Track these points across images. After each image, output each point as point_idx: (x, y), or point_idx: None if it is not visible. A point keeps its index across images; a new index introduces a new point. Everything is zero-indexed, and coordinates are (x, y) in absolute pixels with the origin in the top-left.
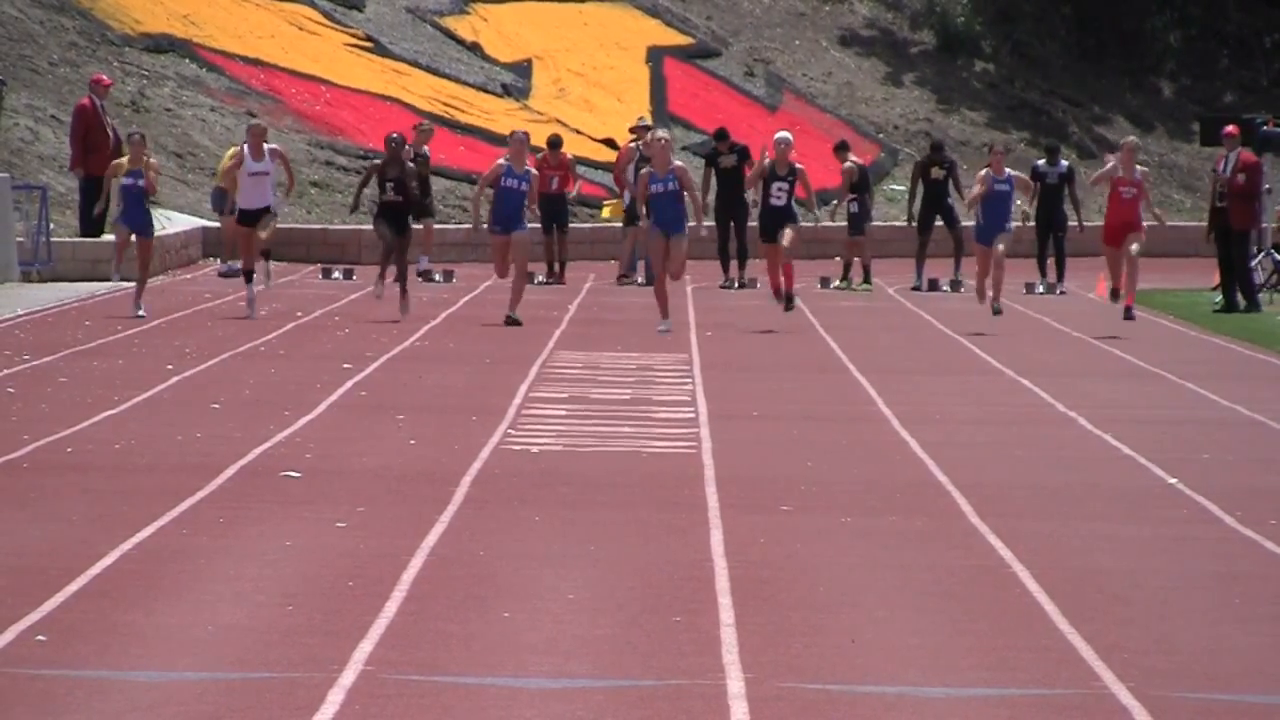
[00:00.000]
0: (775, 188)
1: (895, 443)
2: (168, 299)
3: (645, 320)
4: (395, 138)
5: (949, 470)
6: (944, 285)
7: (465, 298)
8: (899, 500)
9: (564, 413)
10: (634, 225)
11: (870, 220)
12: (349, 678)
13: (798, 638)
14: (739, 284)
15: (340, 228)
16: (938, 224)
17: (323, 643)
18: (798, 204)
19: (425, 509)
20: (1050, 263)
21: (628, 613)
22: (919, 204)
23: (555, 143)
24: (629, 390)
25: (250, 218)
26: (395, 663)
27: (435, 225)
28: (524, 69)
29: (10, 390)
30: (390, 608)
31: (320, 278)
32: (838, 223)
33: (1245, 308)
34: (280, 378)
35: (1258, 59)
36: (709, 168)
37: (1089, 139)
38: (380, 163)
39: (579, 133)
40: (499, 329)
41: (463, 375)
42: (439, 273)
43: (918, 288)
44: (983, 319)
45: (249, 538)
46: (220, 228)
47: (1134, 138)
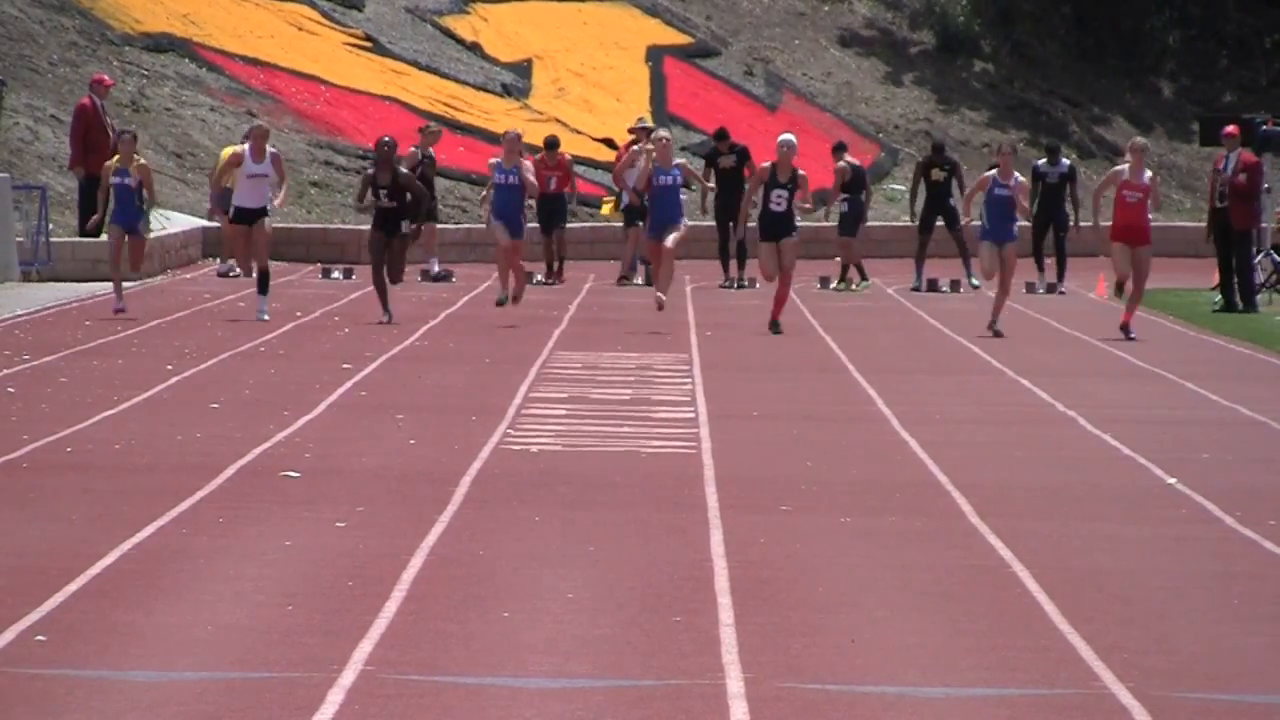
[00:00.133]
0: (775, 194)
1: (895, 443)
2: (167, 299)
3: (645, 320)
4: (387, 141)
5: (949, 470)
6: (944, 285)
7: (465, 298)
8: (899, 500)
9: (564, 413)
10: (635, 226)
11: (865, 221)
12: (349, 678)
13: (798, 638)
14: (738, 284)
15: (340, 227)
16: (939, 224)
17: (323, 643)
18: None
19: (425, 509)
20: (1050, 262)
21: (627, 613)
22: (920, 204)
23: (552, 143)
24: (629, 390)
25: (246, 217)
26: (395, 663)
27: (435, 225)
28: (524, 69)
29: (10, 390)
30: (390, 608)
31: (320, 278)
32: (831, 222)
33: (1243, 309)
34: (280, 378)
35: (1257, 59)
36: (709, 168)
37: (1089, 139)
38: (372, 172)
39: (579, 133)
40: (499, 329)
41: (463, 375)
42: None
43: (917, 288)
44: (982, 319)
45: (249, 538)
46: (220, 228)
47: (1141, 139)
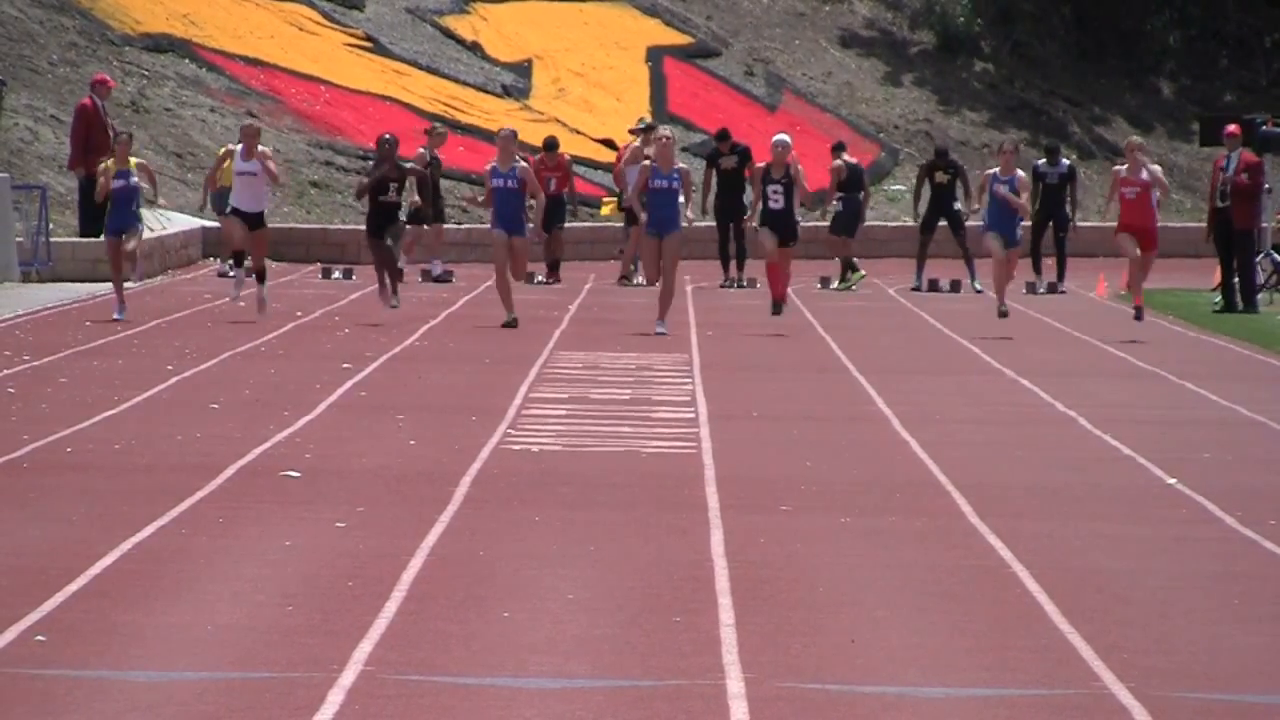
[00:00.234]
0: (771, 190)
1: (895, 443)
2: (167, 299)
3: (645, 320)
4: (388, 139)
5: (949, 470)
6: (944, 285)
7: (465, 298)
8: (899, 500)
9: (564, 413)
10: (635, 225)
11: (861, 221)
12: (349, 678)
13: (797, 638)
14: (739, 284)
15: (340, 228)
16: (941, 224)
17: (322, 643)
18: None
19: (425, 509)
20: (1050, 262)
21: (627, 613)
22: (924, 206)
23: (551, 144)
24: (629, 390)
25: (244, 218)
26: (395, 663)
27: (442, 226)
28: (524, 69)
29: (10, 390)
30: (390, 608)
31: (320, 278)
32: (827, 222)
33: (1243, 309)
34: (280, 378)
35: (1257, 59)
36: (710, 168)
37: (1089, 139)
38: (380, 172)
39: (579, 133)
40: (499, 329)
41: (463, 375)
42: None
43: (918, 288)
44: (982, 320)
45: (249, 538)
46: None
47: (1136, 137)
